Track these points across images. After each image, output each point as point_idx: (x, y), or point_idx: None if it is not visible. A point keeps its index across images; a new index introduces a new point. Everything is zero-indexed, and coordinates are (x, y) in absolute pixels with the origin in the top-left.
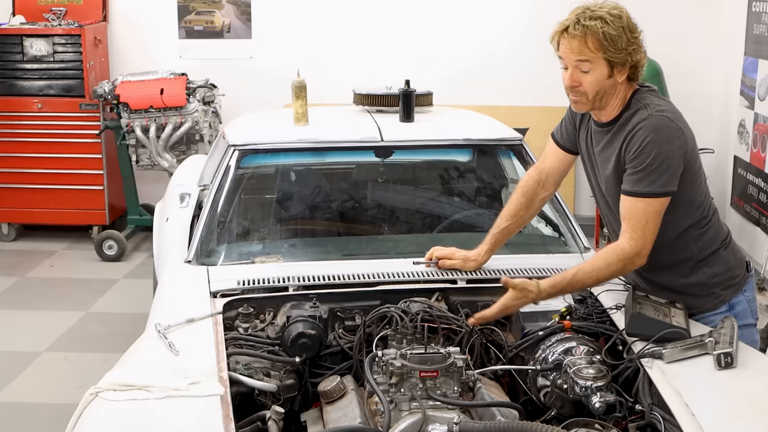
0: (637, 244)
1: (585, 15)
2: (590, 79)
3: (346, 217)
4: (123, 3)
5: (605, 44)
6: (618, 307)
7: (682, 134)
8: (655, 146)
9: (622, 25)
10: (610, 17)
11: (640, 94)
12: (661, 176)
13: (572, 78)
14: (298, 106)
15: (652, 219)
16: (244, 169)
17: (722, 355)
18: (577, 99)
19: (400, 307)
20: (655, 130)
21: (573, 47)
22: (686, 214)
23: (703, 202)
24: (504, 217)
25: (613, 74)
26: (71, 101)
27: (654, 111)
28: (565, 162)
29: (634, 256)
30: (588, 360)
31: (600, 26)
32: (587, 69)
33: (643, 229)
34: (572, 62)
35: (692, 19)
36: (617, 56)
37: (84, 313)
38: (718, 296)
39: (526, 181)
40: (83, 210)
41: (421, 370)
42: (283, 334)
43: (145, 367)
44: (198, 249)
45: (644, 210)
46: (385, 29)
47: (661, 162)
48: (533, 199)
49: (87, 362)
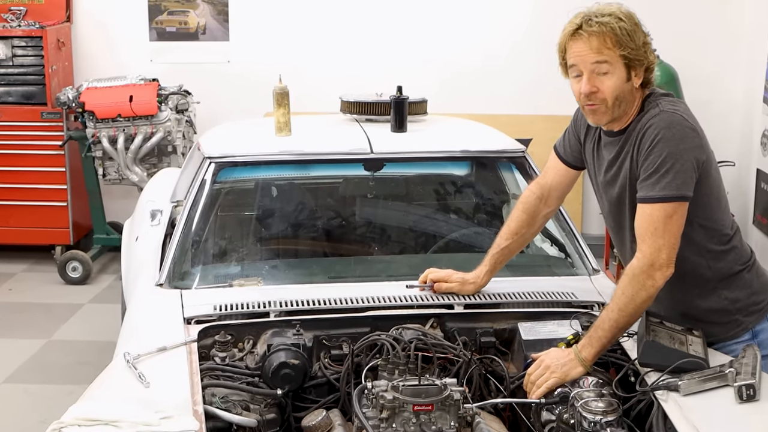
0: (646, 255)
1: (596, 12)
2: (609, 83)
3: (333, 236)
4: (88, 2)
5: (624, 39)
6: (630, 334)
7: (696, 135)
8: (667, 144)
9: (636, 22)
10: (622, 14)
11: (653, 97)
12: (676, 178)
13: (590, 83)
14: (280, 114)
15: (664, 223)
16: (221, 184)
17: (744, 387)
18: (596, 107)
19: (391, 335)
20: (667, 127)
21: (592, 46)
22: (703, 231)
23: (723, 218)
24: (504, 235)
25: (631, 77)
26: (32, 109)
27: (666, 107)
28: (568, 177)
29: (646, 269)
30: (597, 392)
31: (615, 22)
32: (606, 70)
33: (652, 236)
34: (588, 66)
35: (711, 20)
36: (636, 54)
37: (46, 341)
38: (740, 323)
39: (527, 196)
40: (45, 228)
41: (414, 403)
42: (264, 364)
43: (112, 400)
44: (170, 271)
45: (651, 216)
46: (375, 31)
47: (674, 162)
48: (535, 216)
49: (49, 395)
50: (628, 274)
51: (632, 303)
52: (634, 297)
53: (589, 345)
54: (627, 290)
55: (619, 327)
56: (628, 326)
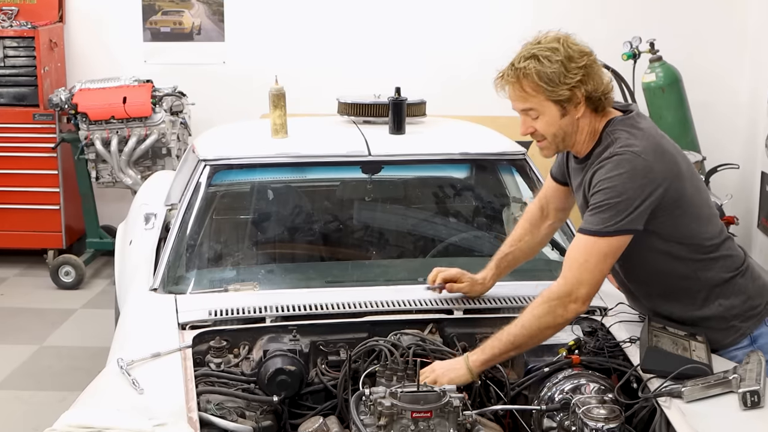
0: (568, 283)
1: (520, 56)
2: (541, 125)
3: (330, 239)
4: (81, 2)
5: (542, 85)
6: (632, 339)
7: (649, 171)
8: (612, 183)
9: (560, 59)
10: (546, 52)
11: (612, 127)
12: (617, 215)
13: (524, 125)
14: (276, 116)
15: (594, 258)
16: (216, 187)
17: (748, 393)
18: (541, 145)
19: (389, 341)
20: (616, 167)
21: (515, 94)
22: (683, 247)
23: (705, 231)
24: (508, 242)
25: (567, 112)
26: (24, 111)
27: (618, 147)
28: (560, 193)
29: (563, 296)
30: (599, 399)
31: (533, 66)
32: (535, 115)
33: (579, 267)
34: (518, 110)
35: (715, 20)
36: (560, 95)
37: (38, 346)
38: (738, 329)
39: (530, 207)
40: (37, 232)
41: (413, 410)
42: (260, 370)
43: (105, 406)
44: (165, 275)
45: (585, 247)
46: (373, 31)
47: (618, 201)
48: (537, 226)
49: (41, 401)
50: (543, 295)
51: (536, 324)
52: (539, 319)
53: (480, 351)
54: (536, 310)
55: (515, 345)
56: (524, 346)
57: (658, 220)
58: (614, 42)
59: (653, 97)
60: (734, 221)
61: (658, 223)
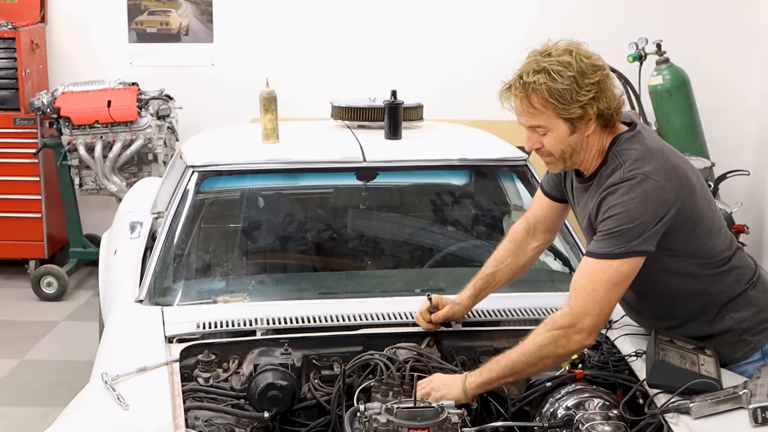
0: (573, 313)
1: (529, 68)
2: (549, 141)
3: (323, 249)
4: (64, 2)
5: (552, 102)
6: (638, 353)
7: (661, 192)
8: (625, 207)
9: (572, 74)
10: (557, 67)
11: (618, 146)
12: (629, 240)
13: (531, 141)
14: (267, 120)
15: (603, 287)
16: (205, 194)
17: (759, 409)
18: (547, 160)
19: (385, 354)
20: (627, 191)
21: (523, 109)
22: (694, 262)
23: (716, 245)
24: (489, 263)
25: (577, 129)
26: (4, 115)
27: (628, 172)
28: (552, 210)
29: (567, 326)
30: (603, 415)
31: (543, 81)
32: (543, 132)
33: (586, 296)
34: (525, 125)
35: (724, 22)
36: (571, 112)
37: (19, 360)
38: (749, 343)
39: (515, 227)
40: (18, 241)
41: (409, 426)
42: (250, 385)
43: (89, 423)
44: (151, 286)
45: (593, 274)
46: (368, 31)
47: (632, 227)
48: (522, 247)
49: (22, 417)
50: (547, 323)
51: (536, 352)
52: (540, 348)
53: (478, 373)
54: (538, 338)
55: (513, 371)
56: (522, 373)
57: (670, 237)
58: (619, 43)
59: (660, 100)
60: (744, 230)
61: (670, 239)
